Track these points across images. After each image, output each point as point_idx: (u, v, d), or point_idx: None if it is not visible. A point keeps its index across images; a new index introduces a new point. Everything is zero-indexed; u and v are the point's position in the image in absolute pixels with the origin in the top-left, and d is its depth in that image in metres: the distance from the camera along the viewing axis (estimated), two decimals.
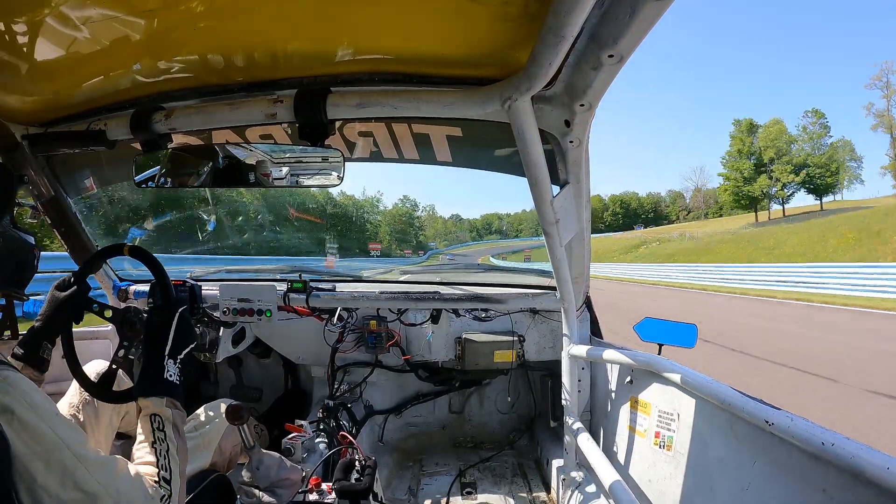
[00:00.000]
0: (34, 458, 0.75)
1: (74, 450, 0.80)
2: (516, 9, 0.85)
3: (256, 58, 1.12)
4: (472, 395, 2.77)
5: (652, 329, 1.72)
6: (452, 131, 1.52)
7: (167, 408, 1.03)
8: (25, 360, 1.21)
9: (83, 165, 1.77)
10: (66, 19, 0.92)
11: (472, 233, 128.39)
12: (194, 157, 1.35)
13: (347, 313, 2.27)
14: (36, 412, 0.77)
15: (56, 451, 0.77)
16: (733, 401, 1.08)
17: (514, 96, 0.99)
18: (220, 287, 2.07)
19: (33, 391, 0.79)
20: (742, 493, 1.12)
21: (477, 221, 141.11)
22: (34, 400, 0.78)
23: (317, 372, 2.55)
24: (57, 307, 1.28)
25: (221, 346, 2.10)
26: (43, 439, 0.76)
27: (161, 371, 1.06)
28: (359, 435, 2.18)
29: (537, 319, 2.36)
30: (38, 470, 0.75)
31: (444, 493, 2.18)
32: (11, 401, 0.75)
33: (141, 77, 1.20)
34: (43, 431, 0.77)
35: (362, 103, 1.11)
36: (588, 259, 1.70)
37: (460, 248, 73.98)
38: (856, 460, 0.78)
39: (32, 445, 0.75)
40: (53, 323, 1.27)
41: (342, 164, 1.22)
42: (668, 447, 1.44)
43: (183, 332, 1.12)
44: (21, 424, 0.75)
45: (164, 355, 1.08)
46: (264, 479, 1.43)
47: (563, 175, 1.35)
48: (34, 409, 0.77)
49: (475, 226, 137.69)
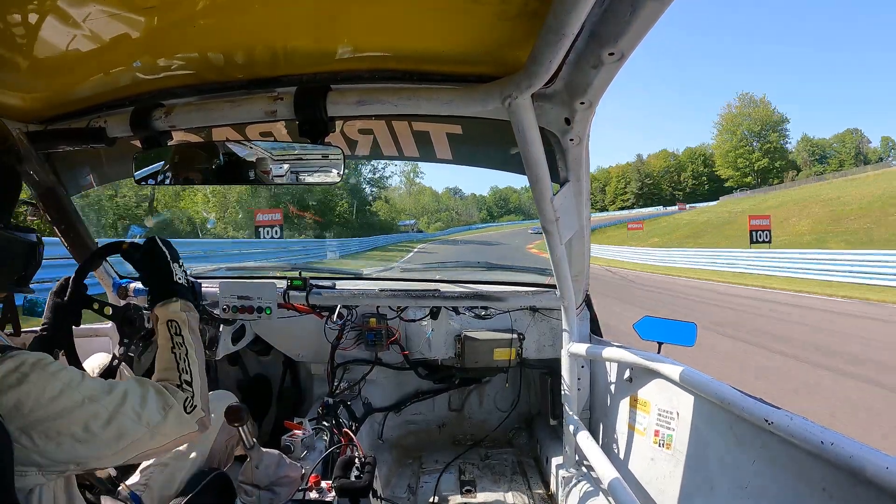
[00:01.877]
0: (62, 416, 0.79)
1: (97, 400, 0.85)
2: (517, 7, 0.85)
3: (256, 55, 1.12)
4: (472, 393, 2.78)
5: (651, 327, 1.72)
6: (452, 129, 1.52)
7: (182, 312, 1.10)
8: None
9: (83, 163, 1.77)
10: (66, 16, 0.91)
11: (482, 212, 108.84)
12: (194, 155, 1.34)
13: (347, 311, 2.27)
14: (52, 373, 0.81)
15: (80, 407, 0.82)
16: (733, 399, 1.08)
17: (514, 94, 0.99)
18: (220, 284, 2.08)
19: (45, 357, 0.83)
20: (741, 492, 1.12)
21: (488, 198, 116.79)
22: (48, 364, 0.82)
23: (316, 369, 2.56)
24: (60, 314, 1.30)
25: (221, 344, 2.10)
26: (66, 396, 0.81)
27: (170, 275, 1.13)
28: (358, 432, 2.18)
29: (537, 317, 2.36)
30: (64, 426, 0.80)
31: (443, 491, 2.18)
32: (27, 369, 0.79)
33: (141, 74, 1.20)
34: (64, 390, 0.81)
35: (362, 101, 1.11)
36: (588, 257, 1.70)
37: (465, 233, 63.15)
38: (855, 460, 0.78)
39: (57, 403, 0.79)
40: (59, 331, 1.30)
41: (342, 162, 1.22)
42: (668, 446, 1.45)
43: (168, 247, 1.19)
44: (42, 386, 0.79)
45: (168, 262, 1.15)
46: (264, 477, 1.43)
47: (564, 173, 1.34)
48: (48, 370, 0.81)
49: (486, 203, 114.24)
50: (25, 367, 0.78)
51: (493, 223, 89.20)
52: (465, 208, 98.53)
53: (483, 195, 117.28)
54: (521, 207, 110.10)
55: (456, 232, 64.24)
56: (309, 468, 1.57)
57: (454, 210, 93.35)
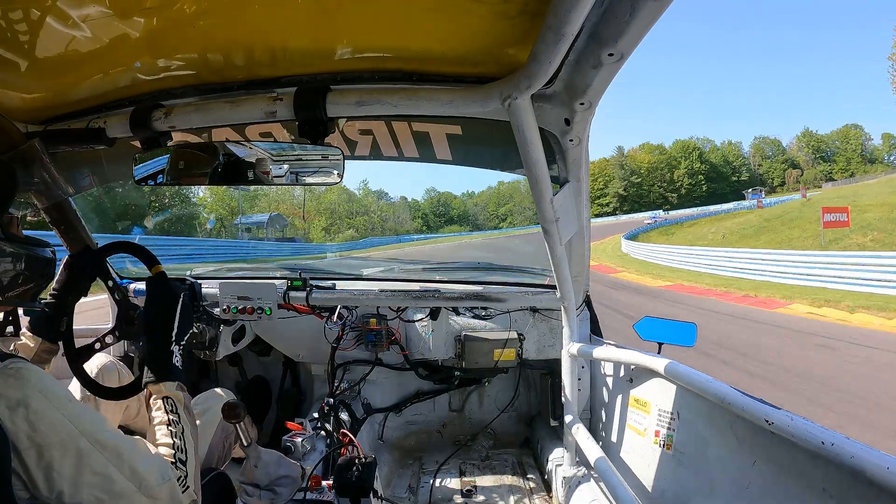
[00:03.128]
0: (51, 447, 0.77)
1: (91, 435, 0.82)
2: (516, 7, 0.85)
3: (256, 56, 1.12)
4: (472, 394, 2.78)
5: (652, 328, 1.72)
6: (452, 129, 1.52)
7: (178, 391, 1.09)
8: (43, 333, 1.26)
9: (82, 163, 1.77)
10: (66, 17, 0.91)
11: (417, 220, 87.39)
12: (194, 155, 1.34)
13: (347, 311, 2.27)
14: (50, 402, 0.80)
15: (72, 439, 0.80)
16: (733, 400, 1.08)
17: (514, 94, 0.99)
18: (220, 285, 2.08)
19: (47, 380, 0.82)
20: (742, 493, 1.12)
21: (423, 205, 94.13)
22: (48, 390, 0.81)
23: (317, 370, 2.56)
24: (69, 286, 1.30)
25: (221, 344, 2.10)
26: (59, 428, 0.79)
27: (170, 357, 1.12)
28: (358, 433, 2.18)
29: (537, 318, 2.36)
30: (55, 457, 0.78)
31: (443, 491, 2.18)
32: (26, 395, 0.77)
33: (141, 75, 1.20)
34: (58, 420, 0.79)
35: (362, 101, 1.11)
36: (588, 257, 1.70)
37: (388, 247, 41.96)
38: (855, 460, 0.78)
39: (49, 435, 0.78)
40: (64, 301, 1.29)
41: (342, 163, 1.22)
42: (668, 446, 1.44)
43: (185, 318, 1.18)
44: (37, 416, 0.77)
45: (171, 341, 1.14)
46: (264, 476, 1.43)
47: (563, 174, 1.35)
48: (49, 399, 0.80)
49: (422, 211, 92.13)
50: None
51: (432, 234, 71.15)
52: (394, 214, 79.73)
53: (417, 199, 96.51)
54: (466, 216, 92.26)
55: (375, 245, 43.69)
56: (309, 468, 1.57)
57: (377, 215, 72.07)
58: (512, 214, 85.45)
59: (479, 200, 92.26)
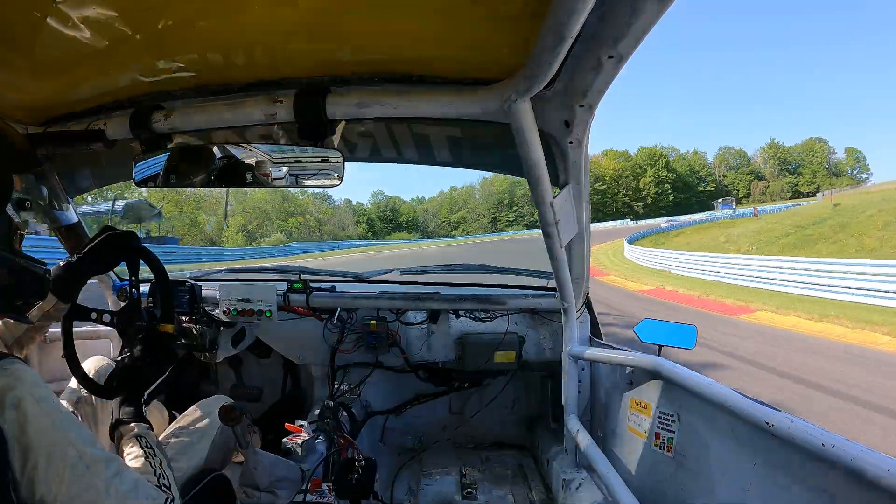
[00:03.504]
0: (38, 454, 0.76)
1: (78, 447, 0.81)
2: (516, 9, 0.85)
3: (256, 57, 1.12)
4: (472, 396, 2.77)
5: (652, 330, 1.72)
6: (452, 131, 1.52)
7: (148, 430, 1.16)
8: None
9: (82, 165, 1.77)
10: (66, 18, 0.91)
11: (362, 226, 78.00)
12: (194, 157, 1.34)
13: (347, 313, 2.27)
14: (41, 407, 0.78)
15: (60, 447, 0.78)
16: (734, 402, 1.08)
17: (513, 97, 0.99)
18: (220, 287, 2.07)
19: (40, 385, 0.81)
20: (742, 495, 1.12)
21: (369, 209, 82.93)
22: (41, 394, 0.79)
23: (317, 372, 2.55)
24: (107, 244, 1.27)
25: (221, 346, 2.10)
26: (48, 434, 0.77)
27: (141, 406, 1.23)
28: (359, 435, 2.18)
29: (537, 320, 2.36)
30: (41, 465, 0.76)
31: (444, 494, 2.17)
32: (20, 394, 0.76)
33: (140, 76, 1.20)
34: (48, 427, 0.78)
35: (362, 103, 1.11)
36: (588, 259, 1.70)
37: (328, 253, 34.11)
38: (856, 462, 0.78)
39: (37, 440, 0.76)
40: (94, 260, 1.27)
41: (342, 165, 1.22)
42: (669, 448, 1.44)
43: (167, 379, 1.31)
44: (27, 418, 0.76)
45: (144, 395, 1.26)
46: (263, 479, 1.43)
47: (563, 176, 1.34)
48: (40, 403, 0.78)
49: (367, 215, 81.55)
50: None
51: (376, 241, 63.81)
52: (335, 217, 70.61)
53: (362, 203, 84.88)
54: (415, 223, 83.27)
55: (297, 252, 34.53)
56: (309, 470, 1.57)
57: (314, 217, 63.65)
58: (465, 221, 78.40)
59: (430, 206, 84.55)
